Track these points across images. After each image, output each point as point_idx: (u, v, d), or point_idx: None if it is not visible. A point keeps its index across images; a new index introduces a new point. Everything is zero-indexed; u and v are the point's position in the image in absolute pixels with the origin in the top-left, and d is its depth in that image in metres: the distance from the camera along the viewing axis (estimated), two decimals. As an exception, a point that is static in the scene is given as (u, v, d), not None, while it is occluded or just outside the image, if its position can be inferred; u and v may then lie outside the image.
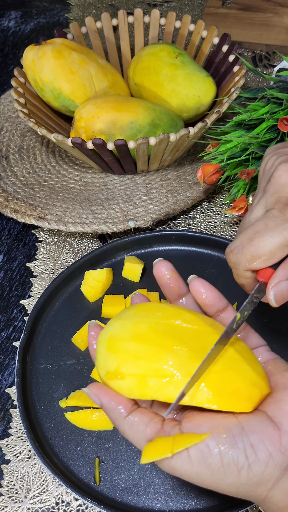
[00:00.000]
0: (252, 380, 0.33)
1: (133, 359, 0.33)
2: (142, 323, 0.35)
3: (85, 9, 1.04)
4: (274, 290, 0.35)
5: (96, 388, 0.34)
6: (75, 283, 0.60)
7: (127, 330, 0.35)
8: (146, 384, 0.33)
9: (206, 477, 0.31)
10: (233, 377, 0.32)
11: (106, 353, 0.35)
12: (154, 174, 0.71)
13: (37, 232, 0.69)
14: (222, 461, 0.30)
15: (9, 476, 0.50)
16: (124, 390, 0.34)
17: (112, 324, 0.36)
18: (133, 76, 0.74)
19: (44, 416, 0.51)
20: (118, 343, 0.34)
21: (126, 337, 0.34)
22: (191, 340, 0.34)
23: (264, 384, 0.33)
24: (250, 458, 0.30)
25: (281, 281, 0.35)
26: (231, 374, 0.33)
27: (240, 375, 0.33)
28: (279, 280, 0.35)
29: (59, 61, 0.67)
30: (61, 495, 0.48)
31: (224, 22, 0.94)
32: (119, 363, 0.34)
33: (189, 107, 0.70)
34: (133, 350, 0.34)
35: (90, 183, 0.71)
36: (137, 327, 0.34)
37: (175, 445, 0.31)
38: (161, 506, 0.46)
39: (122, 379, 0.34)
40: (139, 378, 0.33)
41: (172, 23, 0.79)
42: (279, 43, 0.89)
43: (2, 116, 0.80)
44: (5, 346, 0.59)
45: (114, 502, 0.46)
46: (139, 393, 0.33)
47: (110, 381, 0.34)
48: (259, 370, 0.34)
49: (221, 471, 0.30)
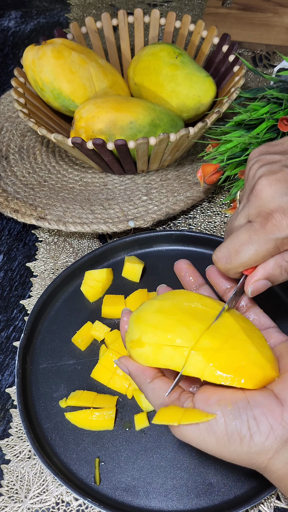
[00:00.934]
0: (256, 360, 0.36)
1: (153, 329, 0.38)
2: (167, 300, 0.39)
3: (85, 9, 1.04)
4: (252, 287, 0.40)
5: (125, 359, 0.39)
6: (75, 283, 0.60)
7: (153, 305, 0.40)
8: (160, 352, 0.37)
9: (211, 444, 0.34)
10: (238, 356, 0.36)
11: (133, 325, 0.39)
12: (154, 174, 0.71)
13: (37, 232, 0.69)
14: (227, 429, 0.33)
15: (9, 476, 0.50)
16: (142, 357, 0.38)
17: (142, 304, 0.41)
18: (133, 76, 0.74)
19: (44, 416, 0.51)
20: (143, 316, 0.39)
21: (150, 311, 0.39)
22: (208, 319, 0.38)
23: (268, 366, 0.36)
24: (252, 429, 0.33)
25: (259, 279, 0.39)
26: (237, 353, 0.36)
27: (245, 355, 0.36)
28: (258, 279, 0.39)
29: (59, 61, 0.67)
30: (61, 495, 0.48)
31: (224, 22, 0.94)
32: (141, 333, 0.38)
33: (189, 107, 0.70)
34: (154, 322, 0.38)
35: (90, 183, 0.71)
36: (161, 304, 0.39)
37: (183, 417, 0.34)
38: (161, 506, 0.46)
39: (141, 347, 0.38)
40: (156, 346, 0.37)
41: (172, 23, 0.79)
42: (279, 43, 0.89)
43: (2, 116, 0.80)
44: (5, 346, 0.59)
45: (114, 502, 0.46)
46: (154, 360, 0.37)
47: (133, 349, 0.39)
48: (267, 354, 0.37)
49: (225, 439, 0.33)
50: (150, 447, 0.49)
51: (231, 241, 0.40)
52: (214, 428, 0.34)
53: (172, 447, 0.49)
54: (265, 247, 0.38)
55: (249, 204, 0.39)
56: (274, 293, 0.58)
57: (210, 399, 0.35)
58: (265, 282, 0.40)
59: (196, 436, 0.34)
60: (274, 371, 0.36)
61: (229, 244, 0.40)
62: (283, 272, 0.39)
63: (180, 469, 0.48)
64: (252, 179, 0.40)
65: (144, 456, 0.49)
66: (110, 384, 0.53)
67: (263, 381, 0.36)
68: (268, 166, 0.39)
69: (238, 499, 0.45)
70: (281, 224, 0.37)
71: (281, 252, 0.39)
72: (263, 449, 0.33)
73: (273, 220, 0.37)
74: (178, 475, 0.47)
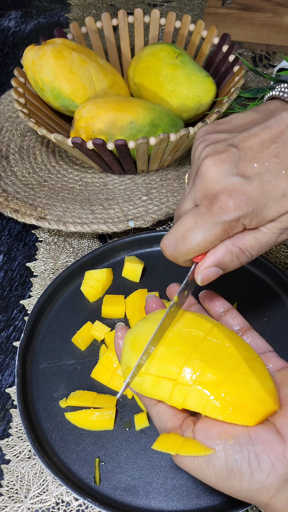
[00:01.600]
0: (259, 396, 0.34)
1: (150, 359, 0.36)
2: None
3: (85, 9, 1.04)
4: (202, 275, 0.38)
5: None
6: (75, 283, 0.60)
7: (150, 331, 0.37)
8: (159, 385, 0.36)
9: (209, 476, 0.33)
10: (240, 392, 0.34)
11: (129, 350, 0.37)
12: (154, 174, 0.71)
13: (37, 232, 0.69)
14: (226, 464, 0.32)
15: (9, 476, 0.50)
16: (138, 387, 0.37)
17: (139, 325, 0.39)
18: (133, 76, 0.74)
19: (44, 416, 0.51)
20: (140, 342, 0.37)
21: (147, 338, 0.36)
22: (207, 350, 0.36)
23: (270, 401, 0.34)
24: (253, 466, 0.32)
25: (209, 266, 0.38)
26: (240, 389, 0.34)
27: (248, 390, 0.34)
28: (207, 266, 0.38)
29: (59, 61, 0.67)
30: (61, 495, 0.48)
31: (224, 22, 0.94)
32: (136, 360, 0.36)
33: (189, 107, 0.70)
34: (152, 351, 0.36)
35: (90, 183, 0.71)
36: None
37: (182, 448, 0.33)
38: (161, 506, 0.46)
39: (139, 376, 0.36)
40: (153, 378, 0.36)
41: (172, 23, 0.79)
42: (279, 43, 0.89)
43: (2, 116, 0.80)
44: (5, 346, 0.59)
45: (114, 502, 0.46)
46: (151, 393, 0.36)
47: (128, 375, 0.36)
48: (269, 387, 0.35)
49: (224, 474, 0.32)
50: (150, 447, 0.49)
51: (178, 227, 0.38)
52: (214, 461, 0.33)
53: (172, 447, 0.49)
54: (212, 231, 0.36)
55: (195, 187, 0.37)
56: (274, 293, 0.58)
57: (211, 431, 0.34)
58: (215, 269, 0.38)
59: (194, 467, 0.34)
60: (276, 405, 0.35)
61: (176, 230, 0.38)
62: (234, 258, 0.37)
63: (180, 469, 0.48)
64: (198, 160, 0.37)
65: (144, 456, 0.49)
66: (110, 384, 0.53)
67: (265, 417, 0.35)
68: (213, 146, 0.36)
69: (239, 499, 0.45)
70: (227, 206, 0.35)
71: (231, 237, 0.37)
72: (264, 487, 0.32)
73: (219, 203, 0.35)
74: (178, 475, 0.47)
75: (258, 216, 0.35)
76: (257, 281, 0.59)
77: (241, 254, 0.37)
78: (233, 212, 0.35)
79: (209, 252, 0.38)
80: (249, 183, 0.34)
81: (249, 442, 0.33)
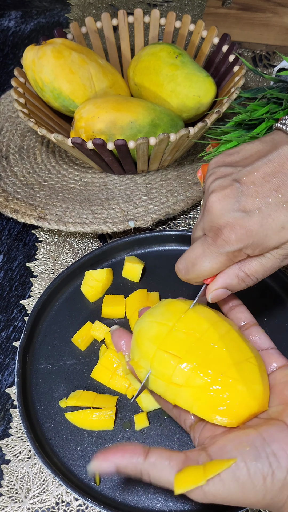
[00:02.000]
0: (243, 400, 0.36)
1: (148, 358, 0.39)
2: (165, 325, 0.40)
3: (85, 9, 1.04)
4: (211, 296, 0.42)
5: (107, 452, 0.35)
6: (75, 283, 0.60)
7: (152, 329, 0.40)
8: (155, 383, 0.39)
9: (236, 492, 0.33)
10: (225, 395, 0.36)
11: (134, 344, 0.41)
12: (154, 174, 0.71)
13: (37, 232, 0.69)
14: (249, 472, 0.32)
15: (9, 476, 0.50)
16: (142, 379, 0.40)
17: (144, 319, 0.42)
18: (133, 76, 0.74)
19: (44, 416, 0.51)
20: (142, 339, 0.40)
21: (148, 337, 0.40)
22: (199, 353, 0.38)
23: (255, 404, 0.36)
24: (273, 465, 0.32)
25: (218, 288, 0.42)
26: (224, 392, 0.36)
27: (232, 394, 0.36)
28: (217, 288, 0.42)
29: (59, 61, 0.67)
30: (61, 495, 0.48)
31: (224, 22, 0.94)
32: (139, 356, 0.40)
33: (189, 107, 0.70)
34: (150, 350, 0.39)
35: (90, 183, 0.71)
36: (159, 329, 0.40)
37: (206, 472, 0.32)
38: (161, 506, 0.46)
39: (141, 370, 0.40)
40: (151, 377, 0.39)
41: (172, 23, 0.79)
42: (279, 43, 0.89)
43: (2, 116, 0.80)
44: (5, 346, 0.59)
45: (114, 502, 0.46)
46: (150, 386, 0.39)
47: (134, 368, 0.40)
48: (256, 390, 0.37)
49: (249, 482, 0.32)
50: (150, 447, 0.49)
51: (189, 254, 0.42)
52: (237, 474, 0.32)
53: (172, 447, 0.49)
54: (217, 260, 0.40)
55: (203, 218, 0.41)
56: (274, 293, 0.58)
57: (226, 447, 0.34)
58: (224, 291, 0.42)
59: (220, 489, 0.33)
60: (262, 407, 0.36)
61: (187, 256, 0.42)
62: (240, 282, 0.41)
63: (180, 469, 0.48)
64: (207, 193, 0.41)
65: (144, 456, 0.49)
66: (110, 384, 0.53)
67: (249, 418, 0.36)
68: (219, 181, 0.39)
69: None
70: (230, 239, 0.38)
71: (239, 262, 0.41)
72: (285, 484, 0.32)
73: (222, 236, 0.39)
74: (178, 475, 0.47)
75: (259, 246, 0.39)
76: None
77: (247, 278, 0.41)
78: (235, 244, 0.39)
79: (219, 276, 0.42)
80: (249, 217, 0.38)
81: (264, 443, 0.33)
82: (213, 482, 0.32)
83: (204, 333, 0.39)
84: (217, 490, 0.33)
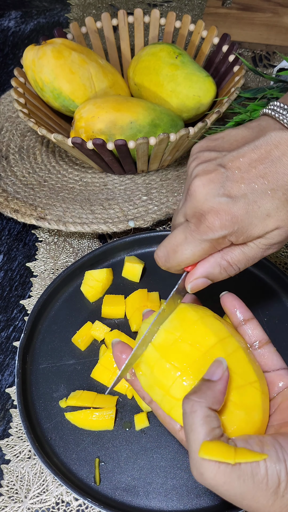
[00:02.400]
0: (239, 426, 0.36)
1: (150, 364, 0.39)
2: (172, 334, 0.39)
3: (85, 9, 1.04)
4: (191, 285, 0.40)
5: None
6: (75, 283, 0.60)
7: (158, 336, 0.40)
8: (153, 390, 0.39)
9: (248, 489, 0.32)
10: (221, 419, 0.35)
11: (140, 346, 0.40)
12: (154, 174, 0.71)
13: (37, 232, 0.69)
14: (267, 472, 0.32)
15: (9, 476, 0.50)
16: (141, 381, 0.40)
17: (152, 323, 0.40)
18: (133, 76, 0.74)
19: (44, 416, 0.51)
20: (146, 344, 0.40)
21: (154, 343, 0.39)
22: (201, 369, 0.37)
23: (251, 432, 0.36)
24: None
25: (198, 277, 0.40)
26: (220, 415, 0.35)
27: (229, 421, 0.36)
28: (196, 277, 0.40)
29: (59, 61, 0.67)
30: (61, 495, 0.48)
31: (224, 22, 0.94)
32: (141, 360, 0.40)
33: (189, 107, 0.70)
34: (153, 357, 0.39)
35: (90, 183, 0.71)
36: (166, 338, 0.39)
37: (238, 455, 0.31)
38: (161, 506, 0.46)
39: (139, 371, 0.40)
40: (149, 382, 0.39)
41: (172, 23, 0.79)
42: (279, 43, 0.89)
43: (2, 116, 0.80)
44: (5, 346, 0.59)
45: (114, 502, 0.46)
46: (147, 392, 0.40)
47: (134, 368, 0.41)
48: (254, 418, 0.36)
49: (264, 483, 0.32)
50: (150, 447, 0.49)
51: (169, 241, 0.40)
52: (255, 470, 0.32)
53: (172, 447, 0.49)
54: (200, 247, 0.39)
55: (186, 204, 0.39)
56: (274, 293, 0.58)
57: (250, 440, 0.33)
58: (204, 280, 0.40)
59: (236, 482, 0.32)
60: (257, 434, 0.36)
61: (168, 243, 0.41)
62: (222, 271, 0.40)
63: (180, 469, 0.48)
64: (189, 177, 0.39)
65: (144, 456, 0.49)
66: (110, 384, 0.53)
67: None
68: (203, 165, 0.38)
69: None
70: (214, 225, 0.37)
71: (220, 250, 0.39)
72: None
73: (206, 222, 0.37)
74: (178, 475, 0.47)
75: (243, 234, 0.37)
76: (257, 281, 0.59)
77: (229, 267, 0.40)
78: (219, 231, 0.37)
79: (199, 264, 0.40)
80: (234, 203, 0.36)
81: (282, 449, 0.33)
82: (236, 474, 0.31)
83: (210, 349, 0.38)
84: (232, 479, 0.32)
